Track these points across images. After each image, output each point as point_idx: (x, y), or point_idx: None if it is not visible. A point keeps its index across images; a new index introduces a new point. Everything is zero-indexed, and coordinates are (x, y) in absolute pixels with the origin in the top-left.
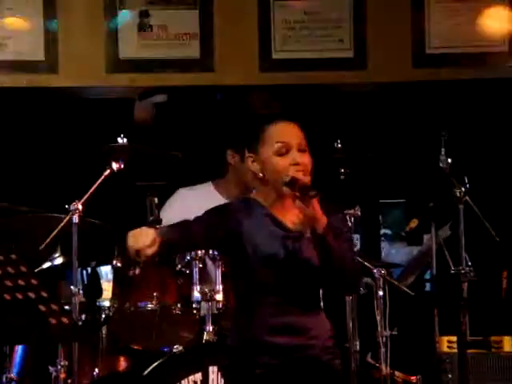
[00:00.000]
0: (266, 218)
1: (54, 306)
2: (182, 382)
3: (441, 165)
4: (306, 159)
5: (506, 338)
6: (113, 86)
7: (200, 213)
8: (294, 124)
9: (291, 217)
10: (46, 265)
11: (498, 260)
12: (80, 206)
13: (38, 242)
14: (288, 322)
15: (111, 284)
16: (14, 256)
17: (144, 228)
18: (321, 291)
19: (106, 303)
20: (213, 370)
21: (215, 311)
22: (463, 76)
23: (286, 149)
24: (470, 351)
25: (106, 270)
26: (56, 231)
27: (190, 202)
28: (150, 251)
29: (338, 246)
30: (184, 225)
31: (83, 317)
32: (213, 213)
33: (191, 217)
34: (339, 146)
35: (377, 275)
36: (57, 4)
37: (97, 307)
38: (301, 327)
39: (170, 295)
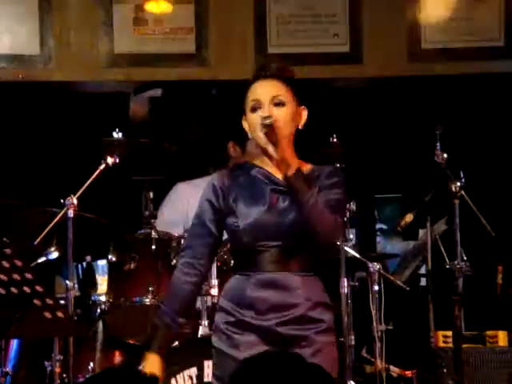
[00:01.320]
0: (256, 176)
1: (49, 301)
2: (178, 376)
3: (436, 159)
4: (280, 112)
5: (501, 333)
6: (108, 80)
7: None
8: (272, 79)
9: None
10: (42, 259)
11: (494, 255)
12: (75, 201)
13: (33, 236)
14: (275, 278)
15: (106, 278)
16: (8, 250)
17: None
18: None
19: (102, 298)
20: (208, 365)
21: (210, 306)
22: (459, 71)
23: (257, 104)
24: (465, 346)
25: (101, 265)
26: (51, 225)
27: (189, 196)
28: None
29: (309, 194)
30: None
31: (78, 311)
32: (208, 198)
33: (190, 210)
34: (335, 140)
35: (372, 270)
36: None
37: (92, 302)
38: (287, 284)
39: (165, 290)
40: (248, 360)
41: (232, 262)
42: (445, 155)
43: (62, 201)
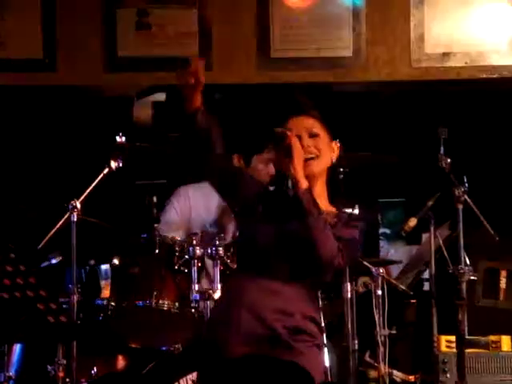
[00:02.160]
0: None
1: (52, 305)
2: (181, 380)
3: (440, 164)
4: (314, 142)
5: (504, 338)
6: (111, 84)
7: (200, 211)
8: (307, 117)
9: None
10: (45, 264)
11: (497, 259)
12: (78, 205)
13: (37, 240)
14: (273, 285)
15: (109, 283)
16: (12, 255)
17: None
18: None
19: (105, 302)
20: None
21: None
22: (462, 75)
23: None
24: (468, 351)
25: (104, 269)
26: (55, 230)
27: (191, 200)
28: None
29: (315, 214)
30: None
31: (81, 315)
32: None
33: (193, 214)
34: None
35: (375, 274)
36: (56, 3)
37: (95, 306)
38: (284, 293)
39: (168, 294)
40: (231, 361)
41: (235, 265)
42: (448, 160)
43: (65, 205)
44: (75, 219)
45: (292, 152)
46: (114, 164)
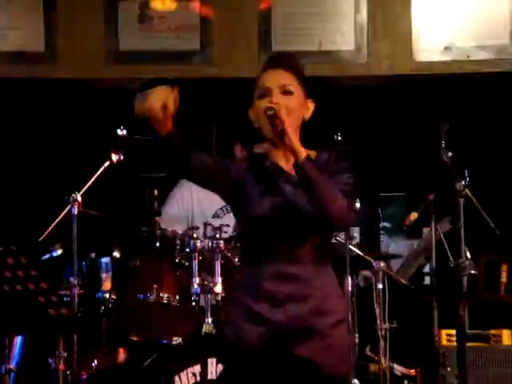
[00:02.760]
0: (267, 168)
1: (53, 298)
2: (181, 373)
3: (441, 158)
4: (287, 100)
5: (505, 332)
6: (113, 77)
7: (203, 203)
8: (282, 69)
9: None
10: (46, 256)
11: (498, 253)
12: (79, 198)
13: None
14: (288, 270)
15: (110, 275)
16: (13, 247)
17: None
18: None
19: (106, 295)
20: (212, 362)
21: (214, 303)
22: (464, 69)
23: (265, 91)
24: (469, 344)
25: (105, 262)
26: (55, 222)
27: (194, 191)
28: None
29: (320, 179)
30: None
31: (82, 308)
32: (221, 158)
33: (195, 206)
34: (339, 138)
35: (376, 268)
36: None
37: (96, 299)
38: (301, 275)
39: (169, 287)
40: (253, 353)
41: (236, 259)
42: (449, 154)
43: (66, 198)
44: (76, 212)
45: (283, 125)
46: (115, 157)
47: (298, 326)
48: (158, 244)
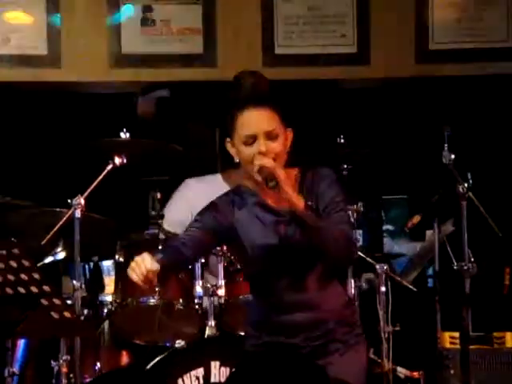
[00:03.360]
0: (256, 207)
1: (56, 301)
2: (184, 377)
3: (444, 161)
4: (274, 146)
5: (509, 334)
6: (116, 80)
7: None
8: (263, 109)
9: (281, 199)
10: (49, 259)
11: (501, 256)
12: (82, 201)
13: (41, 236)
14: (297, 300)
15: (113, 279)
16: (16, 250)
17: (137, 257)
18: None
19: (108, 298)
20: (215, 366)
21: (217, 306)
22: (466, 72)
23: (252, 139)
24: (472, 347)
25: (108, 265)
26: (58, 226)
27: (198, 193)
28: (150, 274)
29: (320, 225)
30: (179, 241)
31: (85, 311)
32: (204, 213)
33: (198, 206)
34: (342, 141)
35: (379, 270)
36: None
37: (99, 302)
38: (310, 303)
39: (172, 290)
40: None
41: (239, 265)
42: (452, 156)
43: (69, 201)
44: (79, 215)
45: (279, 182)
46: (118, 160)
47: (314, 346)
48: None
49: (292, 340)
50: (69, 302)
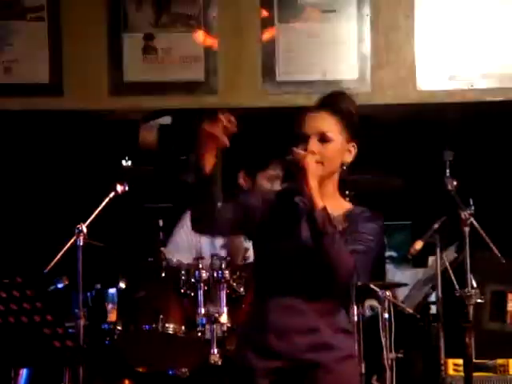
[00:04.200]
0: (295, 205)
1: (58, 330)
2: None
3: (446, 186)
4: (323, 148)
5: None
6: (117, 108)
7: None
8: (325, 112)
9: (327, 203)
10: (51, 288)
11: (504, 282)
12: (85, 229)
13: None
14: (294, 304)
15: (116, 306)
16: (19, 279)
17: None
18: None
19: (111, 326)
20: None
21: (220, 334)
22: (467, 98)
23: (304, 138)
24: (475, 374)
25: (111, 293)
26: (61, 254)
27: None
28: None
29: (332, 234)
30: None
31: (88, 340)
32: (247, 199)
33: (202, 238)
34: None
35: (382, 297)
36: (62, 27)
37: (101, 330)
38: (311, 312)
39: (174, 318)
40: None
41: (241, 289)
42: (454, 182)
43: (72, 229)
44: (81, 243)
45: (306, 171)
46: (119, 188)
47: (303, 359)
48: (163, 274)
49: (281, 343)
50: (71, 330)
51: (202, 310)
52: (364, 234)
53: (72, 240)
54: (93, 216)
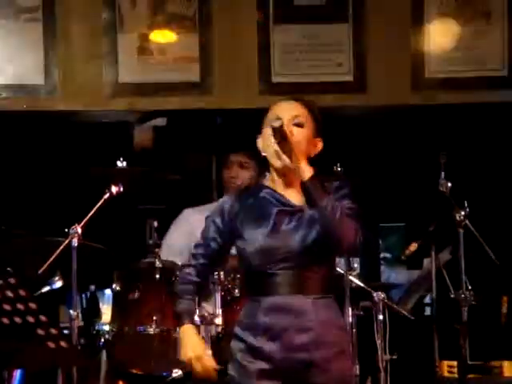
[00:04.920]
0: (265, 197)
1: (52, 330)
2: None
3: (440, 188)
4: (296, 132)
5: (506, 363)
6: (112, 109)
7: None
8: (296, 102)
9: (295, 194)
10: (45, 289)
11: (498, 284)
12: (79, 230)
13: (37, 265)
14: (286, 302)
15: (110, 308)
16: (12, 280)
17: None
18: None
19: (105, 327)
20: None
21: (215, 335)
22: (462, 100)
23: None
24: (470, 376)
25: (105, 294)
26: (55, 255)
27: (196, 222)
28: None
29: (327, 199)
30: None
31: (82, 341)
32: (214, 219)
33: (197, 236)
34: (339, 169)
35: (376, 299)
36: (57, 28)
37: (96, 331)
38: (301, 308)
39: (169, 319)
40: None
41: (236, 291)
42: (449, 184)
43: (66, 230)
44: (76, 244)
45: (291, 143)
46: (114, 189)
47: (295, 359)
48: (157, 276)
49: (273, 344)
50: (65, 331)
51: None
52: (343, 198)
53: (67, 241)
54: (87, 217)
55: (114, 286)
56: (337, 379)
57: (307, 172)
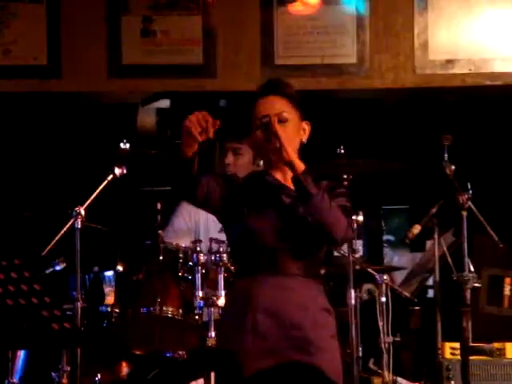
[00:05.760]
0: (267, 183)
1: (56, 312)
2: None
3: (444, 171)
4: (283, 128)
5: (509, 345)
6: (116, 91)
7: (210, 217)
8: (277, 96)
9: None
10: (49, 270)
11: (501, 267)
12: (83, 211)
13: (41, 246)
14: (278, 281)
15: (114, 289)
16: (17, 261)
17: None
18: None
19: (109, 309)
20: (215, 376)
21: (217, 317)
22: (466, 82)
23: (261, 122)
24: (472, 358)
25: (108, 276)
26: (59, 236)
27: None
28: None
29: (319, 193)
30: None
31: (85, 322)
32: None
33: (200, 221)
34: (342, 151)
35: (379, 281)
36: (61, 10)
37: (99, 313)
38: (295, 288)
39: (172, 301)
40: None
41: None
42: (452, 167)
43: (69, 211)
44: (79, 226)
45: (280, 138)
46: (118, 171)
47: (292, 336)
48: (161, 258)
49: (270, 321)
50: (69, 312)
51: (200, 293)
52: (339, 197)
53: (70, 223)
54: (91, 199)
55: (117, 267)
56: (331, 358)
57: (298, 167)
